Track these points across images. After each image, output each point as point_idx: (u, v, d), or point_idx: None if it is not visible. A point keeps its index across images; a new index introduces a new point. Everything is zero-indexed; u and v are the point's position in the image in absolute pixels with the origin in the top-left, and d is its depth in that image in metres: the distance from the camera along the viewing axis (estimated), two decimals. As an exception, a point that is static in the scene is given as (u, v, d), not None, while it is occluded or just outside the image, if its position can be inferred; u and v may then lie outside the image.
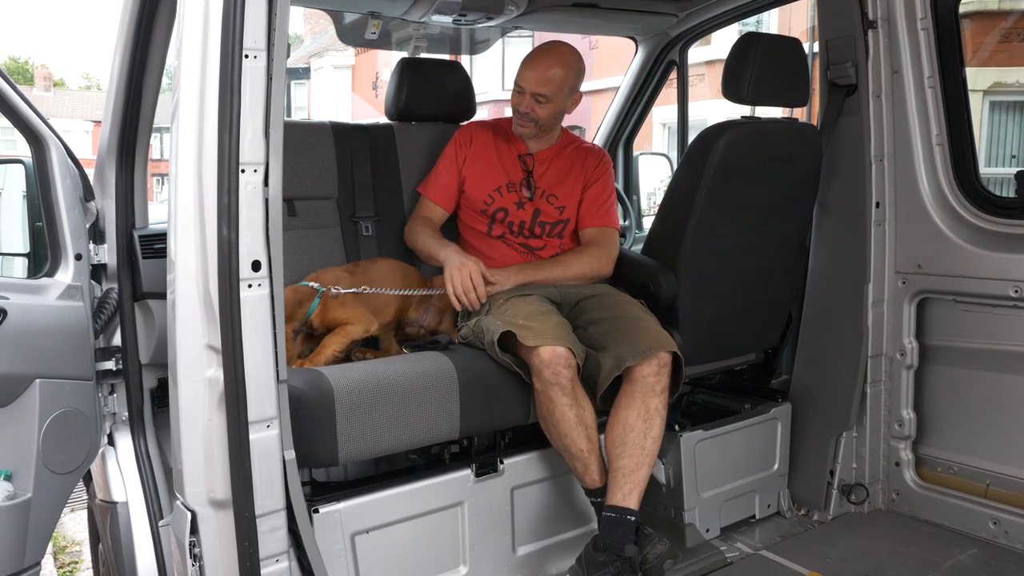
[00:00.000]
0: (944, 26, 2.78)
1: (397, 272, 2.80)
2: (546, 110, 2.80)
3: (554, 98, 2.79)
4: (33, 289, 2.27)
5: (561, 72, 2.77)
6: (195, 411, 1.74)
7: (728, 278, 2.83)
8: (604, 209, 2.94)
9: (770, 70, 2.68)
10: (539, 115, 2.81)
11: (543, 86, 2.76)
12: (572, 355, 2.35)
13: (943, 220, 2.80)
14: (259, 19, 1.65)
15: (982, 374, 2.76)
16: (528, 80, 2.77)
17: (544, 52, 2.81)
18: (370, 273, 2.71)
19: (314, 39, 28.46)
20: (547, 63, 2.77)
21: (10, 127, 2.32)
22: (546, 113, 2.81)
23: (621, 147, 4.29)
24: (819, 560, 2.62)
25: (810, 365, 3.06)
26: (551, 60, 2.78)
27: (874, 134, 2.86)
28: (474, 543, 2.46)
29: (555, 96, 2.78)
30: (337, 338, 2.50)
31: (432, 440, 2.35)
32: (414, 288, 2.76)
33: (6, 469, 2.14)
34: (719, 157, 2.60)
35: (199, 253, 1.70)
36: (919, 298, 2.88)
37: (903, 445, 2.94)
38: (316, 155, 2.92)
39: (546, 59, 2.78)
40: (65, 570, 4.22)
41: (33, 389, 2.17)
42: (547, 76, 2.76)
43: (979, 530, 2.74)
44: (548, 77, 2.76)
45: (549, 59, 2.78)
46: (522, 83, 2.79)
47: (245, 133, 1.66)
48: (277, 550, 1.81)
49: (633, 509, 2.33)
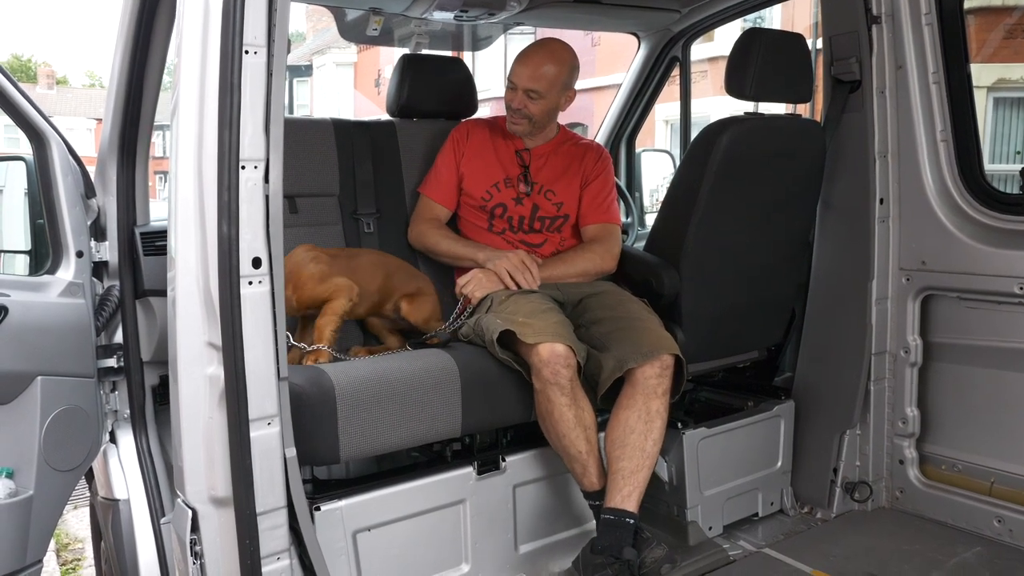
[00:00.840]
0: (948, 21, 2.77)
1: (390, 265, 2.74)
2: (538, 106, 2.80)
3: (546, 94, 2.78)
4: (34, 286, 2.27)
5: (554, 68, 2.77)
6: (196, 409, 1.73)
7: (731, 275, 2.82)
8: (605, 205, 2.93)
9: (773, 66, 2.67)
10: (532, 111, 2.81)
11: (535, 82, 2.76)
12: (572, 353, 2.34)
13: (947, 216, 2.79)
14: (259, 14, 1.64)
15: (987, 371, 2.75)
16: (520, 76, 2.77)
17: (536, 48, 2.80)
18: (354, 262, 2.64)
19: (316, 36, 28.47)
20: (539, 59, 2.77)
21: (12, 124, 2.31)
22: (538, 109, 2.81)
23: (624, 144, 4.28)
24: (823, 558, 2.61)
25: (814, 362, 3.05)
26: (543, 56, 2.78)
27: (878, 130, 2.85)
28: (476, 541, 2.45)
29: (547, 92, 2.78)
30: (327, 318, 2.46)
31: (434, 438, 2.34)
32: (402, 282, 2.71)
33: (8, 466, 2.15)
34: (722, 153, 2.58)
35: (199, 250, 1.70)
36: (923, 295, 2.87)
37: (907, 443, 2.93)
38: (318, 152, 2.91)
39: (538, 55, 2.78)
40: (67, 567, 4.23)
41: (35, 386, 2.17)
42: (539, 72, 2.76)
43: (983, 528, 2.73)
44: (540, 73, 2.76)
45: (541, 55, 2.78)
46: (514, 79, 2.79)
47: (245, 129, 1.65)
48: (278, 548, 1.80)
49: (632, 512, 2.31)
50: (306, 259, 2.50)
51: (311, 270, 2.48)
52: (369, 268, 2.64)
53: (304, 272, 2.47)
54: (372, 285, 2.63)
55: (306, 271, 2.47)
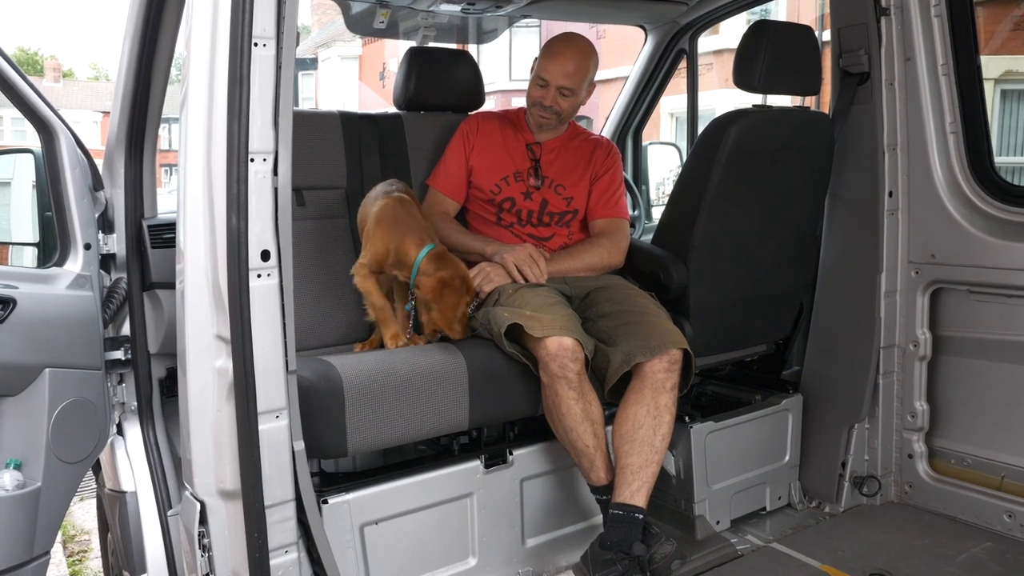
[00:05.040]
0: (958, 12, 2.75)
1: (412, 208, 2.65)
2: (570, 102, 2.81)
3: (578, 91, 2.80)
4: (42, 279, 2.27)
5: (586, 65, 2.77)
6: (204, 402, 1.73)
7: (739, 268, 2.81)
8: (614, 200, 2.92)
9: (782, 58, 2.65)
10: (563, 108, 2.81)
11: (569, 79, 2.76)
12: (579, 347, 2.33)
13: (957, 209, 2.77)
14: (268, 7, 1.64)
15: (997, 365, 2.73)
16: (554, 73, 2.76)
17: (567, 45, 2.78)
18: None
19: (321, 30, 28.48)
20: (571, 56, 2.76)
21: (20, 117, 2.31)
22: (569, 105, 2.82)
23: (630, 137, 4.26)
24: (831, 553, 2.61)
25: (822, 356, 3.04)
26: (575, 52, 2.76)
27: (887, 122, 2.83)
28: (483, 534, 2.45)
29: (579, 89, 2.79)
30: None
31: (441, 431, 2.34)
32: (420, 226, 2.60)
33: (16, 458, 2.15)
34: (730, 146, 2.57)
35: (208, 243, 1.70)
36: (932, 288, 2.86)
37: (916, 437, 2.92)
38: (325, 145, 2.91)
39: (570, 51, 2.76)
40: (74, 559, 4.24)
41: (43, 378, 2.17)
42: (573, 69, 2.75)
43: (993, 523, 2.72)
44: (575, 70, 2.75)
45: (573, 51, 2.77)
46: (547, 76, 2.77)
47: (254, 122, 1.65)
48: (286, 541, 1.81)
49: (641, 507, 2.30)
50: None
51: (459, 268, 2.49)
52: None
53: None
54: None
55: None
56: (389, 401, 2.19)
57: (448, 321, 2.44)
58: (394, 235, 2.46)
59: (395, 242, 2.45)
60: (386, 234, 2.47)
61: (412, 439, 2.30)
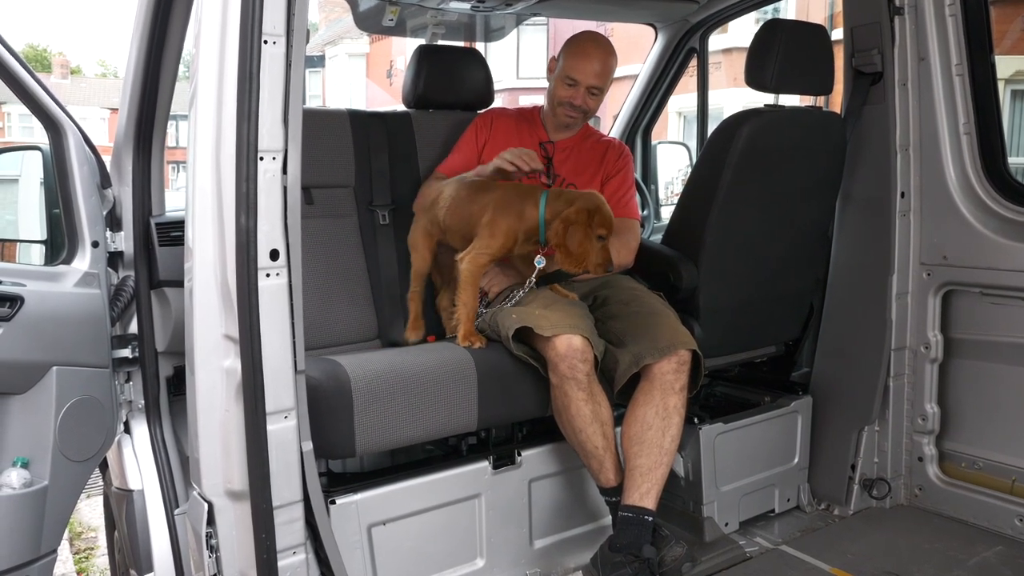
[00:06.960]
0: (973, 12, 2.73)
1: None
2: (597, 101, 2.84)
3: (605, 89, 2.82)
4: (50, 276, 2.26)
5: (611, 63, 2.80)
6: (212, 401, 1.72)
7: (749, 269, 2.79)
8: (625, 201, 2.91)
9: (795, 57, 2.63)
10: (590, 106, 2.84)
11: (598, 79, 2.78)
12: (589, 347, 2.32)
13: (970, 210, 2.75)
14: (279, 3, 1.62)
15: (1009, 368, 2.71)
16: (585, 73, 2.76)
17: (594, 44, 2.79)
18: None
19: (329, 27, 28.45)
20: (600, 55, 2.77)
21: (28, 113, 2.30)
22: (596, 103, 2.85)
23: (640, 136, 4.24)
24: (840, 556, 2.59)
25: (832, 358, 3.02)
26: (603, 52, 2.78)
27: (899, 123, 2.81)
28: (491, 535, 2.44)
29: (606, 87, 2.82)
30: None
31: (449, 432, 2.33)
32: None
33: (23, 456, 2.14)
34: (742, 146, 2.55)
35: (217, 241, 1.69)
36: (944, 290, 2.83)
37: (926, 440, 2.90)
38: (333, 143, 2.89)
39: (599, 51, 2.77)
40: (81, 556, 4.24)
41: (50, 376, 2.16)
42: (604, 68, 2.78)
43: (1004, 527, 2.70)
44: (603, 69, 2.78)
45: (601, 51, 2.78)
46: (577, 76, 2.77)
47: (264, 120, 1.63)
48: (294, 542, 1.80)
49: (651, 509, 2.30)
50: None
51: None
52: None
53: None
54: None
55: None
56: (397, 401, 2.17)
57: (576, 260, 2.38)
58: (511, 210, 2.48)
59: (514, 214, 2.47)
60: (506, 213, 2.48)
61: (420, 439, 2.28)
